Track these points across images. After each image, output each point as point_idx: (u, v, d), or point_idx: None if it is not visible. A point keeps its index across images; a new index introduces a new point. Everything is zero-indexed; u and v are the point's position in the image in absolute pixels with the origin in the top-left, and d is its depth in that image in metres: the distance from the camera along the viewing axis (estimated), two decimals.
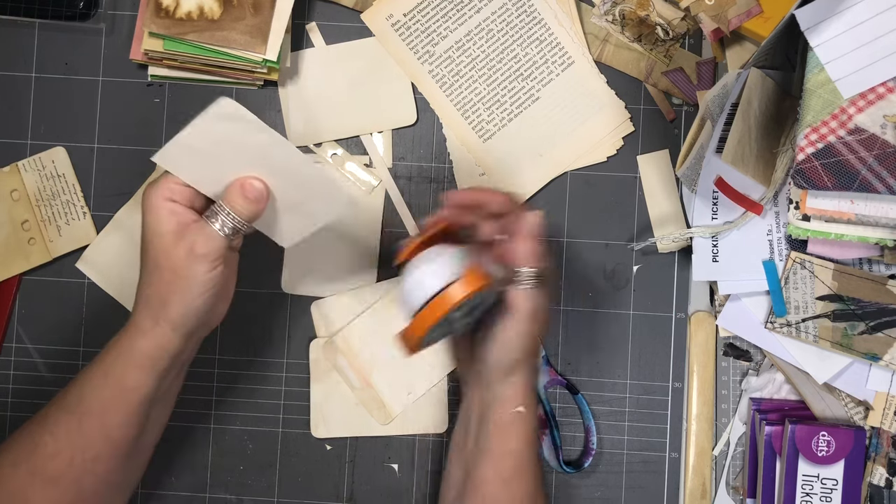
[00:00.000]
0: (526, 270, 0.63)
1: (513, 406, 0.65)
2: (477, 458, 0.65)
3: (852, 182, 0.63)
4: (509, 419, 0.65)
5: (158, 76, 0.78)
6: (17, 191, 0.78)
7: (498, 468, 0.65)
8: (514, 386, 0.65)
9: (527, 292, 0.63)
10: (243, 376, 0.79)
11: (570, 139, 0.78)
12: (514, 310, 0.63)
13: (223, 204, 0.62)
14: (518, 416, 0.65)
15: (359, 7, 0.78)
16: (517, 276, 0.63)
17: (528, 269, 0.63)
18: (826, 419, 0.75)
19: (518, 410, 0.65)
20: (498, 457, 0.65)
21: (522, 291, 0.63)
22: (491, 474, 0.65)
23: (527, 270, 0.63)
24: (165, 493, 0.78)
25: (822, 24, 0.64)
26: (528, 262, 0.63)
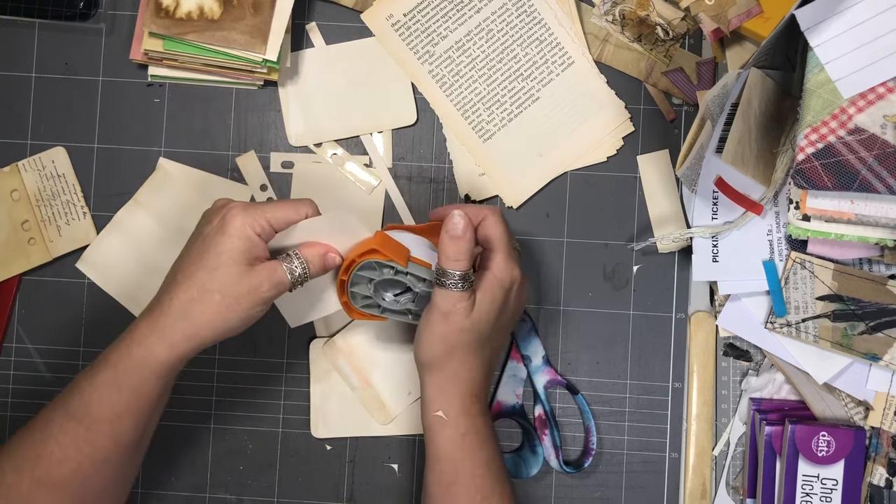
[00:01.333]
0: (447, 270, 0.63)
1: (433, 410, 0.65)
2: (425, 463, 0.67)
3: (852, 182, 0.63)
4: (432, 422, 0.65)
5: (158, 76, 0.78)
6: (17, 191, 0.78)
7: (436, 472, 0.65)
8: (431, 388, 0.65)
9: (444, 292, 0.63)
10: (243, 376, 0.79)
11: (570, 139, 0.78)
12: (432, 306, 0.64)
13: (301, 255, 0.64)
14: (438, 420, 0.65)
15: (359, 7, 0.78)
16: (438, 273, 0.64)
17: (448, 269, 0.63)
18: (826, 419, 0.75)
19: (437, 415, 0.65)
20: (433, 460, 0.66)
21: (440, 290, 0.63)
22: (432, 478, 0.66)
23: (448, 270, 0.63)
24: (165, 493, 0.78)
25: (822, 24, 0.64)
26: (447, 262, 0.63)
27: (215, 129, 0.79)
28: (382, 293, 0.67)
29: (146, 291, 0.71)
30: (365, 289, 0.66)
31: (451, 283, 0.63)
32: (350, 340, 0.78)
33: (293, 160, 0.78)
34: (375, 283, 0.66)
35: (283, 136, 0.78)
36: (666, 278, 0.78)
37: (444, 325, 0.63)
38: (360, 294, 0.67)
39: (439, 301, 0.63)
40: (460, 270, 0.63)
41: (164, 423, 0.78)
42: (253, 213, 0.62)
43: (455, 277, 0.63)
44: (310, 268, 0.64)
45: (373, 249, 0.64)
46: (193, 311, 0.61)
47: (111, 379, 0.62)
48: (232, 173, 0.78)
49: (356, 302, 0.67)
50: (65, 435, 0.61)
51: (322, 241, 0.66)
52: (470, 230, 0.63)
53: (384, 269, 0.65)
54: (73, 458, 0.61)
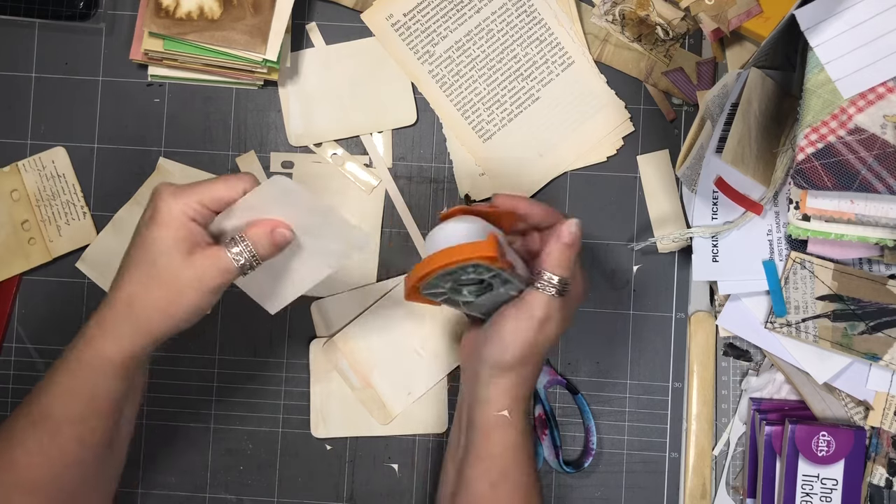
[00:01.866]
0: (549, 275, 0.62)
1: (497, 409, 0.64)
2: (466, 458, 0.65)
3: (852, 182, 0.63)
4: (493, 422, 0.64)
5: (158, 76, 0.78)
6: (17, 191, 0.78)
7: (484, 471, 0.64)
8: (502, 388, 0.64)
9: (543, 296, 0.62)
10: (243, 376, 0.79)
11: (570, 139, 0.78)
12: (524, 310, 0.62)
13: (245, 237, 0.60)
14: (502, 420, 0.64)
15: (359, 7, 0.78)
16: (539, 277, 0.62)
17: (551, 274, 0.62)
18: (826, 419, 0.75)
19: (502, 414, 0.64)
20: (483, 459, 0.65)
21: (539, 294, 0.62)
22: (478, 476, 0.65)
23: (550, 275, 0.62)
24: (165, 493, 0.78)
25: (822, 24, 0.64)
26: (553, 268, 0.62)
27: (215, 129, 0.79)
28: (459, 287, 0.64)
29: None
30: (445, 281, 0.62)
31: (552, 288, 0.62)
32: (350, 340, 0.78)
33: (293, 160, 0.78)
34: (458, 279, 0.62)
35: (283, 136, 0.78)
36: (666, 278, 0.78)
37: (536, 331, 0.62)
38: (437, 284, 0.63)
39: (537, 306, 0.62)
40: (564, 277, 0.62)
41: (164, 423, 0.78)
42: (183, 196, 0.59)
43: (555, 283, 0.62)
44: (257, 249, 0.61)
45: (492, 256, 0.59)
46: (136, 307, 0.59)
47: (66, 381, 0.60)
48: (232, 173, 0.78)
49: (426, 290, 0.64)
50: (29, 441, 0.60)
51: (268, 217, 0.62)
52: (579, 240, 0.63)
53: (480, 269, 0.61)
54: (41, 462, 0.60)
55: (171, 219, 0.59)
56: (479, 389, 0.65)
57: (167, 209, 0.59)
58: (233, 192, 0.61)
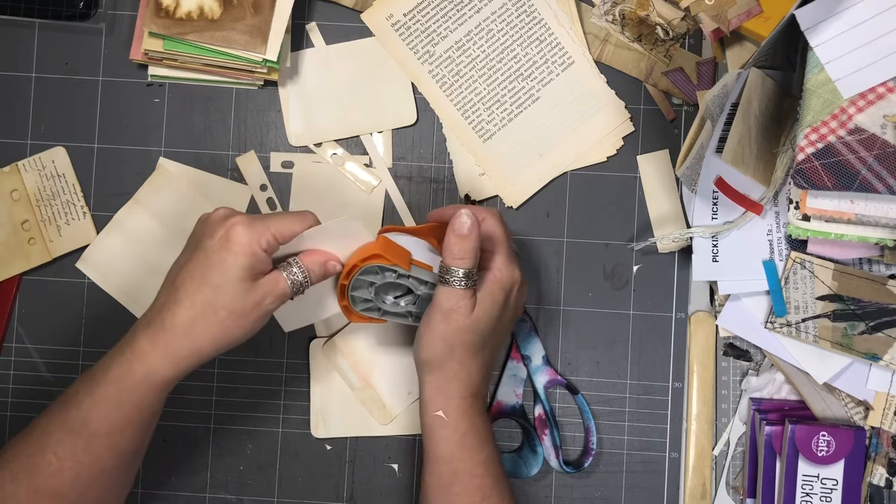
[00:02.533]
0: (451, 267, 0.63)
1: (432, 409, 0.65)
2: (423, 463, 0.66)
3: (852, 182, 0.63)
4: (431, 423, 0.65)
5: (158, 76, 0.78)
6: (17, 191, 0.78)
7: (434, 473, 0.65)
8: (430, 387, 0.65)
9: (446, 289, 0.63)
10: (243, 376, 0.79)
11: (570, 139, 0.78)
12: (433, 305, 0.63)
13: (302, 263, 0.63)
14: (438, 420, 0.65)
15: (359, 7, 0.78)
16: (441, 271, 0.63)
17: (453, 267, 0.63)
18: (826, 419, 0.75)
19: (437, 415, 0.65)
20: (431, 461, 0.65)
21: (443, 287, 0.63)
22: (430, 479, 0.65)
23: (452, 268, 0.63)
24: (165, 493, 0.78)
25: (822, 24, 0.64)
26: (452, 260, 0.63)
27: (215, 129, 0.79)
28: (383, 296, 0.67)
29: (146, 291, 0.71)
30: (366, 292, 0.66)
31: (455, 280, 0.63)
32: (350, 340, 0.78)
33: (293, 160, 0.78)
34: (376, 287, 0.66)
35: (283, 136, 0.78)
36: (666, 278, 0.78)
37: (444, 323, 0.63)
38: (361, 298, 0.66)
39: (442, 299, 0.63)
40: (465, 268, 0.63)
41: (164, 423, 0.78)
42: (259, 227, 0.61)
43: (459, 275, 0.63)
44: (311, 276, 0.64)
45: (376, 254, 0.64)
46: (197, 329, 0.60)
47: (112, 394, 0.61)
48: (232, 173, 0.78)
49: (356, 305, 0.67)
50: (62, 447, 0.60)
51: (322, 248, 0.65)
52: (476, 229, 0.63)
53: (386, 273, 0.65)
54: (71, 469, 0.60)
55: (245, 248, 0.60)
56: (420, 392, 0.67)
57: (242, 239, 0.60)
58: (300, 226, 0.63)
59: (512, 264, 0.66)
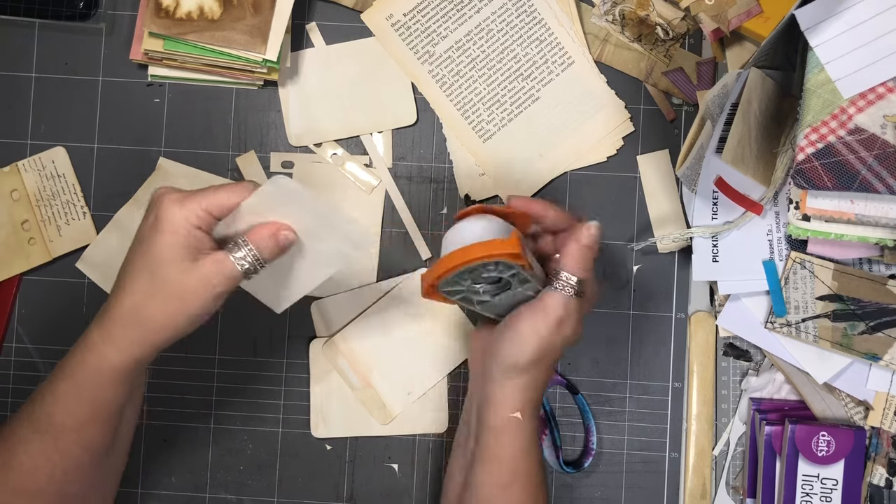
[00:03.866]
0: (567, 275, 0.62)
1: (510, 410, 0.63)
2: (474, 460, 0.65)
3: (852, 182, 0.63)
4: (504, 423, 0.63)
5: (158, 76, 0.78)
6: (17, 191, 0.78)
7: (494, 473, 0.64)
8: (515, 389, 0.63)
9: (561, 297, 0.62)
10: (243, 376, 0.79)
11: (570, 139, 0.78)
12: (542, 310, 0.62)
13: (249, 241, 0.60)
14: (514, 421, 0.63)
15: (359, 7, 0.78)
16: (557, 277, 0.62)
17: (569, 275, 0.62)
18: (826, 419, 0.75)
19: (514, 416, 0.63)
20: (493, 461, 0.64)
21: (557, 294, 0.62)
22: (487, 478, 0.64)
23: (568, 275, 0.62)
24: (165, 493, 0.78)
25: (822, 24, 0.64)
26: (572, 269, 0.62)
27: (215, 129, 0.79)
28: (475, 285, 0.63)
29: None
30: (464, 279, 0.62)
31: (570, 289, 0.62)
32: (350, 340, 0.78)
33: (293, 160, 0.78)
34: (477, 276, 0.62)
35: (283, 136, 0.78)
36: (666, 278, 0.78)
37: (553, 331, 0.62)
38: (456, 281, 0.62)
39: (555, 306, 0.61)
40: (583, 279, 0.62)
41: (164, 423, 0.78)
42: (188, 203, 0.59)
43: (575, 285, 0.62)
44: (261, 252, 0.60)
45: (515, 254, 0.59)
46: (140, 315, 0.59)
47: (70, 388, 0.60)
48: (232, 173, 0.78)
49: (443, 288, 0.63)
50: (32, 446, 0.60)
51: (270, 219, 0.62)
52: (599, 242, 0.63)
53: (500, 267, 0.61)
54: (43, 467, 0.60)
55: (175, 227, 0.58)
56: (492, 390, 0.64)
57: (171, 217, 0.58)
58: (236, 197, 0.60)
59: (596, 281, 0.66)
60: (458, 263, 0.60)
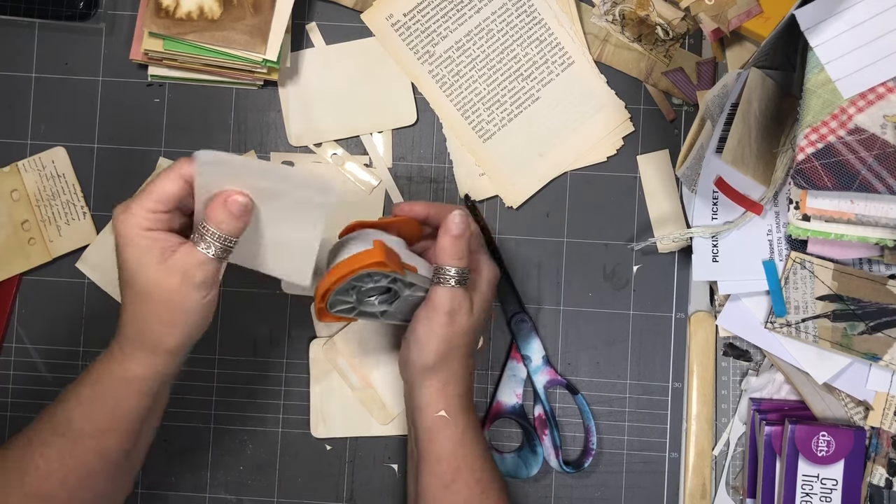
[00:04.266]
0: (446, 268, 0.63)
1: (434, 410, 0.65)
2: (418, 465, 0.66)
3: (852, 182, 0.63)
4: (432, 424, 0.65)
5: (158, 76, 0.78)
6: (17, 191, 0.78)
7: (436, 473, 0.65)
8: (433, 389, 0.65)
9: (445, 290, 0.63)
10: (243, 376, 0.79)
11: (570, 139, 0.78)
12: (431, 307, 0.63)
13: (207, 224, 0.59)
14: (441, 421, 0.64)
15: (359, 7, 0.78)
16: (437, 272, 0.63)
17: (448, 267, 0.63)
18: (826, 419, 0.75)
19: (440, 416, 0.64)
20: (433, 462, 0.65)
21: (440, 288, 0.63)
22: (431, 481, 0.65)
23: (446, 267, 0.63)
24: (165, 493, 0.78)
25: (822, 24, 0.64)
26: (447, 260, 0.63)
27: (215, 129, 0.79)
28: (364, 298, 0.65)
29: None
30: (348, 296, 0.64)
31: (452, 280, 0.63)
32: (350, 340, 0.78)
33: (293, 160, 0.78)
34: (360, 291, 0.64)
35: (283, 136, 0.78)
36: (666, 278, 0.78)
37: (449, 325, 0.63)
38: (341, 300, 0.64)
39: (442, 301, 0.63)
40: (461, 268, 0.63)
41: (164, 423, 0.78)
42: (132, 209, 0.58)
43: (457, 275, 0.63)
44: (221, 228, 0.58)
45: (379, 262, 0.61)
46: (144, 335, 0.60)
47: (92, 394, 0.61)
48: None
49: (333, 308, 0.65)
50: (49, 449, 0.61)
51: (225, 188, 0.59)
52: (468, 229, 0.63)
53: (375, 277, 0.62)
54: (58, 471, 0.60)
55: (130, 237, 0.58)
56: (415, 394, 0.66)
57: (123, 230, 0.58)
58: (174, 183, 0.59)
59: (490, 260, 0.67)
60: (330, 284, 0.62)
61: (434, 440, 0.65)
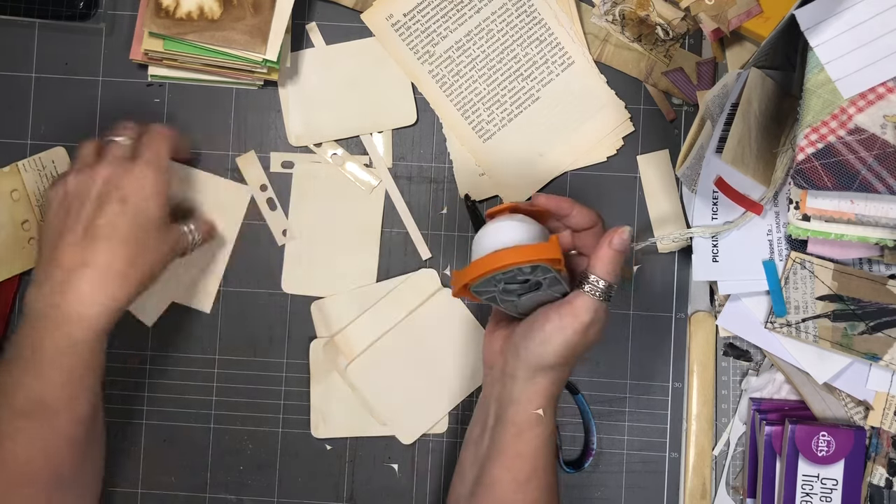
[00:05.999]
0: (597, 278, 0.62)
1: (532, 407, 0.63)
2: (491, 457, 0.64)
3: (852, 182, 0.63)
4: (526, 420, 0.63)
5: (158, 76, 0.78)
6: (17, 191, 0.78)
7: (512, 470, 0.64)
8: (539, 388, 0.63)
9: (590, 300, 0.61)
10: (243, 376, 0.79)
11: (570, 139, 0.78)
12: (570, 312, 0.62)
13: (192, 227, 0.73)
14: (536, 418, 0.63)
15: (359, 7, 0.78)
16: (587, 280, 0.62)
17: (599, 278, 0.62)
18: (826, 419, 0.75)
19: (537, 413, 0.63)
20: (512, 458, 0.64)
21: (586, 297, 0.62)
22: (504, 475, 0.64)
23: (598, 279, 0.62)
24: (165, 493, 0.78)
25: (822, 24, 0.64)
26: (603, 272, 0.62)
27: (215, 129, 0.79)
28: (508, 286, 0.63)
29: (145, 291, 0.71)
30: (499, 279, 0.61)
31: (599, 292, 0.62)
32: (350, 340, 0.78)
33: (293, 160, 0.78)
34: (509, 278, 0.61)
35: (283, 136, 0.78)
36: (666, 278, 0.78)
37: (581, 334, 0.62)
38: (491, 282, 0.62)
39: (584, 309, 0.61)
40: (612, 283, 0.62)
41: (165, 422, 0.78)
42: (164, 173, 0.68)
43: (605, 288, 0.62)
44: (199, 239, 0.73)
45: (556, 259, 0.59)
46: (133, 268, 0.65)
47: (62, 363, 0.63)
48: (232, 173, 0.78)
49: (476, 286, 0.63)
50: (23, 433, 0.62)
51: None
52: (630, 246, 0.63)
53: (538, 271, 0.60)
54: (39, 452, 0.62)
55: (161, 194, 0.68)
56: (514, 388, 0.64)
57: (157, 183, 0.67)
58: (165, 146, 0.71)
59: None
60: (497, 266, 0.60)
61: (522, 436, 0.64)
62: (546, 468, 0.64)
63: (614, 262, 0.62)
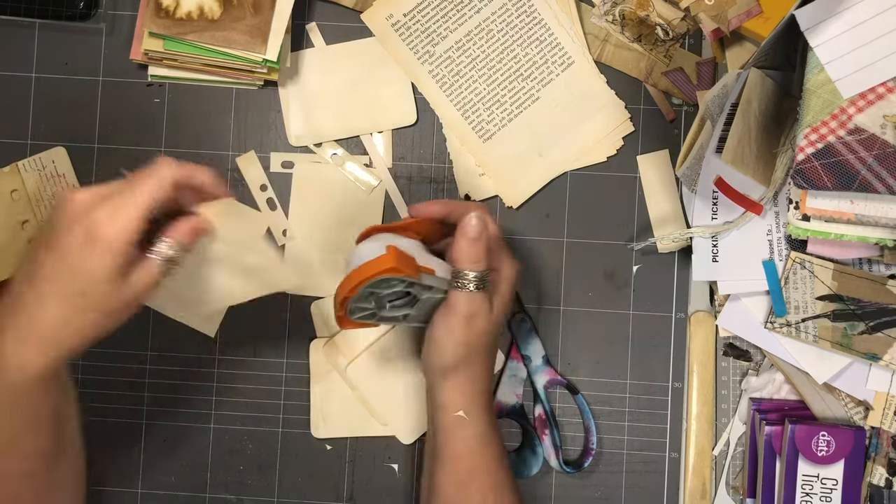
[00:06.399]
0: (465, 272, 0.62)
1: (452, 410, 0.65)
2: (434, 464, 0.66)
3: (852, 182, 0.63)
4: (451, 423, 0.65)
5: (158, 76, 0.78)
6: (17, 191, 0.78)
7: (451, 472, 0.65)
8: (452, 390, 0.65)
9: (464, 294, 0.62)
10: (243, 376, 0.79)
11: (570, 139, 0.78)
12: (449, 310, 0.63)
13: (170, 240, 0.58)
14: (459, 420, 0.64)
15: (359, 7, 0.78)
16: (455, 276, 0.63)
17: (465, 271, 0.62)
18: (826, 419, 0.75)
19: (458, 415, 0.64)
20: (449, 461, 0.65)
21: (458, 292, 0.63)
22: (446, 478, 0.65)
23: (464, 272, 0.62)
24: (165, 493, 0.78)
25: (822, 24, 0.64)
26: (465, 263, 0.62)
27: (215, 129, 0.79)
28: (383, 303, 0.65)
29: None
30: (367, 302, 0.63)
31: (471, 284, 0.62)
32: (350, 340, 0.78)
33: (293, 160, 0.78)
34: (379, 297, 0.63)
35: (283, 136, 0.78)
36: (666, 278, 0.78)
37: (467, 329, 0.63)
38: (360, 307, 0.64)
39: (461, 304, 0.62)
40: (479, 271, 0.63)
41: (165, 423, 0.78)
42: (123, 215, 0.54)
43: (475, 279, 0.62)
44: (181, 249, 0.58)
45: (392, 268, 0.60)
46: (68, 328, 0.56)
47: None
48: (232, 173, 0.78)
49: (353, 315, 0.65)
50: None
51: None
52: (486, 230, 0.63)
53: (393, 283, 0.62)
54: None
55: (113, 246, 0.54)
56: (434, 395, 0.66)
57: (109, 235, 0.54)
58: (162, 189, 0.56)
59: (511, 257, 0.67)
60: (346, 293, 0.61)
61: (452, 439, 0.65)
62: (488, 468, 0.65)
63: (473, 250, 0.62)
